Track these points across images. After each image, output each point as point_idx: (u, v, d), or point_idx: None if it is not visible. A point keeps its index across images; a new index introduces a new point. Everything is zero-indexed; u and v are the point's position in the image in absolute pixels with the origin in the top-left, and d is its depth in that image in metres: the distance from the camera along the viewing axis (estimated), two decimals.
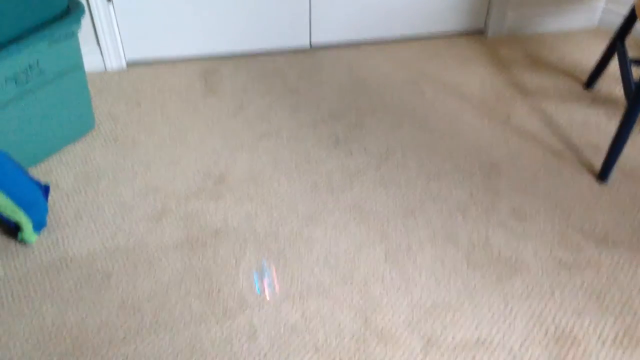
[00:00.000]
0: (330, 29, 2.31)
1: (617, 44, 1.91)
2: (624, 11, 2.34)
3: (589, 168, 1.80)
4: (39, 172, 1.80)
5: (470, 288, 1.47)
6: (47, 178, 1.78)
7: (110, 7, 2.09)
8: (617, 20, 2.37)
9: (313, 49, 2.33)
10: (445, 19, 2.35)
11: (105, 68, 2.20)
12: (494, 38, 2.37)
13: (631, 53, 2.27)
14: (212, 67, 2.23)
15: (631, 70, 1.77)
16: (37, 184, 1.59)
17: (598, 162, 1.81)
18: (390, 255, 1.56)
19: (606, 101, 2.06)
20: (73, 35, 1.72)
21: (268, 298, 1.36)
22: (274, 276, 1.37)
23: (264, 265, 1.40)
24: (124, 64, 2.22)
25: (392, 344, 1.37)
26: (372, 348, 1.36)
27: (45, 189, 1.65)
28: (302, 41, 2.31)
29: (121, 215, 1.67)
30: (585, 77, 2.17)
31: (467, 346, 1.36)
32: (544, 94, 2.09)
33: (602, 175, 1.74)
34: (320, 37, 2.32)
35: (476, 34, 2.40)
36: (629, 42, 2.35)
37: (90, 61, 2.17)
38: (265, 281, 1.37)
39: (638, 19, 1.80)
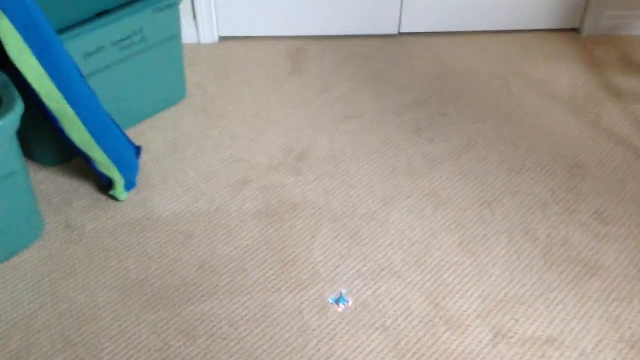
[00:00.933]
0: (421, 17, 2.30)
1: None
2: None
3: None
4: (132, 134, 1.89)
5: (546, 285, 1.45)
6: (140, 141, 1.87)
7: None
8: None
9: (401, 35, 2.33)
10: (540, 14, 2.30)
11: (199, 41, 2.28)
12: (588, 37, 2.30)
13: None
14: (300, 46, 2.27)
15: None
16: (132, 144, 1.67)
17: None
18: (465, 244, 1.56)
19: None
20: (175, 6, 1.79)
21: (340, 311, 1.39)
22: (349, 304, 1.40)
23: (342, 293, 1.43)
24: (216, 38, 2.29)
25: (461, 332, 1.37)
26: (441, 333, 1.37)
27: (138, 151, 1.73)
28: (392, 28, 2.32)
29: (205, 182, 1.74)
30: None
31: (538, 342, 1.35)
32: (637, 97, 2.02)
33: None
34: (410, 24, 2.32)
35: (570, 31, 2.33)
36: None
37: (186, 33, 2.25)
38: (340, 305, 1.41)
39: None
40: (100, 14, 1.64)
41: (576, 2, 2.27)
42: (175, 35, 1.86)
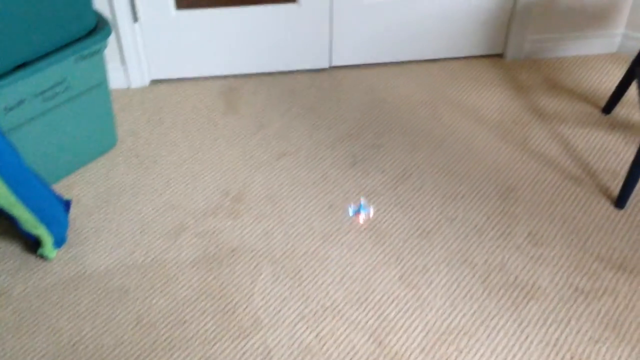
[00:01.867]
0: (350, 50, 2.33)
1: (635, 71, 1.91)
2: None
3: (607, 194, 1.79)
4: (61, 188, 1.83)
5: (486, 313, 1.47)
6: (69, 194, 1.81)
7: (137, 26, 2.13)
8: (637, 46, 2.36)
9: (333, 69, 2.35)
10: (464, 42, 2.36)
11: (129, 85, 2.24)
12: (512, 61, 2.38)
13: None
14: (233, 85, 2.27)
15: None
16: (60, 199, 1.62)
17: (616, 188, 1.81)
18: (406, 277, 1.56)
19: (624, 127, 2.05)
20: (99, 53, 1.76)
21: (361, 222, 1.38)
22: (371, 212, 1.38)
23: (361, 202, 1.41)
24: (147, 81, 2.26)
25: None
26: None
27: (67, 205, 1.68)
28: (322, 61, 2.34)
29: (140, 232, 1.70)
30: (603, 102, 2.16)
31: None
32: (562, 118, 2.09)
33: (620, 201, 1.74)
34: (340, 57, 2.34)
35: (495, 57, 2.41)
36: None
37: (115, 78, 2.21)
38: (360, 214, 1.38)
39: None
40: (20, 66, 1.59)
41: (498, 28, 2.35)
42: (102, 82, 1.83)
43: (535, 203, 1.77)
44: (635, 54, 2.39)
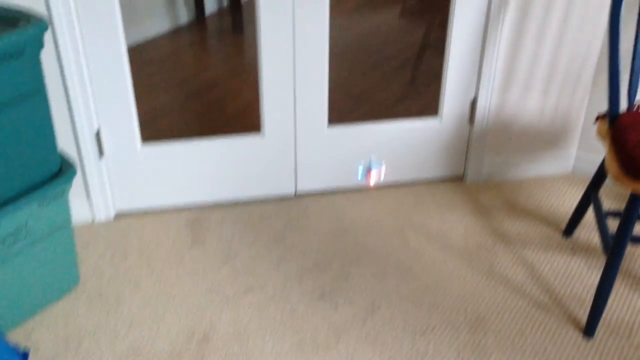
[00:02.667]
0: (315, 177, 2.38)
1: (591, 195, 1.98)
2: (595, 158, 2.44)
3: (575, 322, 1.80)
4: (20, 333, 1.76)
5: None
6: (27, 341, 1.74)
7: (102, 160, 2.15)
8: (590, 166, 2.47)
9: (299, 196, 2.38)
10: (426, 166, 2.44)
11: (93, 219, 2.23)
12: (473, 184, 2.45)
13: (607, 203, 2.34)
14: (199, 216, 2.27)
15: (606, 224, 1.83)
16: (15, 351, 1.55)
17: (583, 315, 1.82)
18: None
19: (586, 250, 2.09)
20: (63, 195, 1.76)
21: (372, 184, 1.28)
22: (382, 170, 1.29)
23: (371, 159, 1.31)
24: (112, 215, 2.25)
25: None
26: None
27: (24, 356, 1.60)
28: (288, 189, 2.37)
29: None
30: (563, 224, 2.22)
31: None
32: (525, 241, 2.13)
33: (588, 330, 1.74)
34: (306, 184, 2.38)
35: (456, 180, 2.48)
36: (605, 189, 2.43)
37: (79, 213, 2.20)
38: (372, 172, 1.28)
39: (607, 175, 1.88)
40: None
41: (457, 153, 2.44)
42: (65, 223, 1.81)
43: (505, 334, 1.76)
44: (588, 174, 2.49)
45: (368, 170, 1.36)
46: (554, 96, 2.35)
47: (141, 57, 3.35)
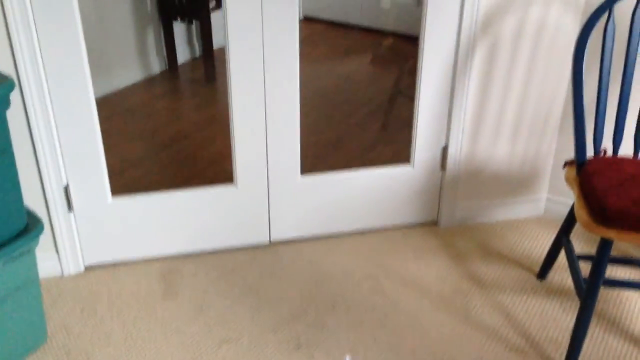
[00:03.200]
0: (289, 225, 2.37)
1: (562, 239, 2.00)
2: (566, 201, 2.48)
3: None
4: None
5: None
6: None
7: (71, 214, 2.12)
8: (561, 208, 2.50)
9: (273, 244, 2.37)
10: (399, 212, 2.45)
11: (62, 273, 2.18)
12: (446, 228, 2.46)
13: (578, 246, 2.37)
14: (171, 266, 2.23)
15: (579, 267, 1.84)
16: None
17: (560, 358, 1.81)
18: None
19: (560, 292, 2.10)
20: (30, 252, 1.72)
21: None
22: None
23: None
24: (82, 268, 2.21)
25: None
26: None
27: None
28: (262, 237, 2.36)
29: None
30: (537, 266, 2.23)
31: None
32: (500, 285, 2.14)
33: None
34: (280, 233, 2.37)
35: (430, 225, 2.49)
36: (576, 232, 2.46)
37: (47, 267, 2.15)
38: None
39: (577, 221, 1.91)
40: None
41: (430, 198, 2.46)
42: (32, 280, 1.76)
43: None
44: (560, 216, 2.52)
45: None
46: (522, 142, 2.40)
47: (112, 107, 3.34)
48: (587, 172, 1.75)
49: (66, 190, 2.08)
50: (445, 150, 2.37)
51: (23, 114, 1.92)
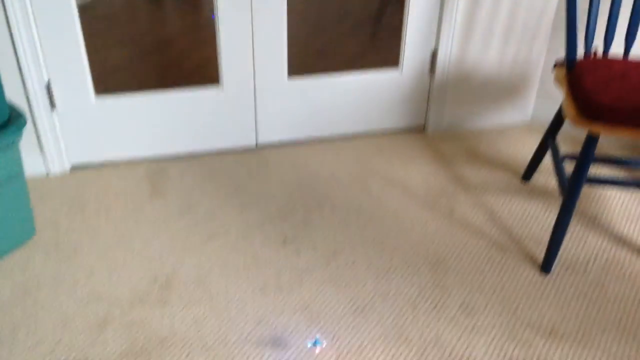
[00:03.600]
0: (276, 128, 2.36)
1: (548, 140, 2.02)
2: (554, 107, 2.48)
3: (532, 260, 1.84)
4: None
5: None
6: None
7: (54, 113, 2.09)
8: (548, 115, 2.51)
9: (259, 148, 2.36)
10: (387, 117, 2.44)
11: (47, 172, 2.17)
12: (434, 134, 2.47)
13: (564, 146, 2.39)
14: (158, 168, 2.23)
15: (563, 166, 1.86)
16: None
17: (540, 254, 1.86)
18: (343, 357, 1.53)
19: (543, 193, 2.14)
20: (14, 145, 1.70)
21: (317, 352, 1.52)
22: (324, 344, 1.55)
23: (317, 337, 1.56)
24: (67, 167, 2.20)
25: None
26: None
27: None
28: (249, 141, 2.35)
29: (61, 328, 1.60)
30: (522, 170, 2.26)
31: None
32: (485, 187, 2.16)
33: (545, 267, 1.79)
34: (266, 136, 2.36)
35: (417, 130, 2.49)
36: (562, 135, 2.48)
37: (32, 166, 2.14)
38: (317, 347, 1.55)
39: (565, 119, 1.91)
40: None
41: (418, 103, 2.45)
42: (17, 174, 1.76)
43: (465, 273, 1.79)
44: (547, 122, 2.53)
45: (314, 346, 1.52)
46: (513, 46, 2.37)
47: (94, 13, 3.25)
48: (576, 71, 1.74)
49: (48, 87, 2.04)
50: (434, 54, 2.34)
51: (1, 8, 1.85)
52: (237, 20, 2.10)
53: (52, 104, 2.07)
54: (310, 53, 2.94)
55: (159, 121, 2.22)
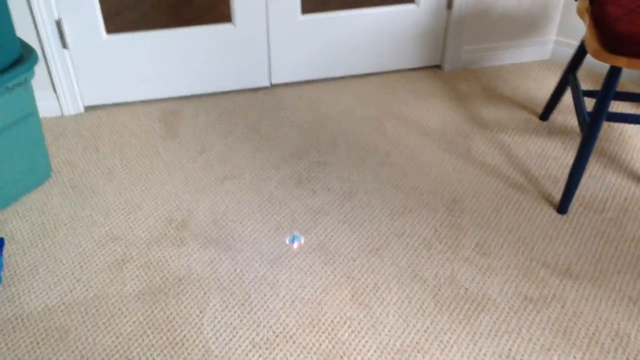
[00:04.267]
0: (290, 68, 2.31)
1: (569, 77, 1.96)
2: (574, 43, 2.41)
3: (549, 200, 1.82)
4: None
5: (439, 328, 1.46)
6: (2, 230, 1.72)
7: (66, 52, 2.06)
8: (569, 52, 2.43)
9: (273, 87, 2.33)
10: (402, 55, 2.38)
11: (62, 113, 2.16)
12: (450, 72, 2.41)
13: (583, 84, 2.33)
14: (172, 108, 2.21)
15: (584, 102, 1.82)
16: None
17: (558, 194, 1.84)
18: (357, 296, 1.54)
19: (562, 132, 2.10)
20: (26, 83, 1.68)
21: (295, 247, 1.60)
22: (302, 241, 1.63)
23: (295, 233, 1.63)
24: (81, 108, 2.19)
25: None
26: None
27: (0, 243, 1.59)
28: (262, 81, 2.32)
29: (80, 267, 1.62)
30: (540, 109, 2.21)
31: None
32: (502, 126, 2.13)
33: (562, 207, 1.77)
34: (280, 75, 2.33)
35: (433, 68, 2.44)
36: (581, 73, 2.41)
37: (46, 106, 2.13)
38: (295, 243, 1.62)
39: (587, 52, 1.85)
40: None
41: (435, 40, 2.38)
42: (31, 113, 1.75)
43: (480, 213, 1.78)
44: (567, 59, 2.46)
45: (292, 242, 1.49)
46: None
47: None
48: (599, 2, 1.67)
49: (59, 25, 2.01)
50: None
51: None
52: None
53: (64, 43, 2.04)
54: None
55: (171, 60, 2.18)
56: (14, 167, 1.76)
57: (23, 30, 1.97)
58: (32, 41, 1.99)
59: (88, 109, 2.20)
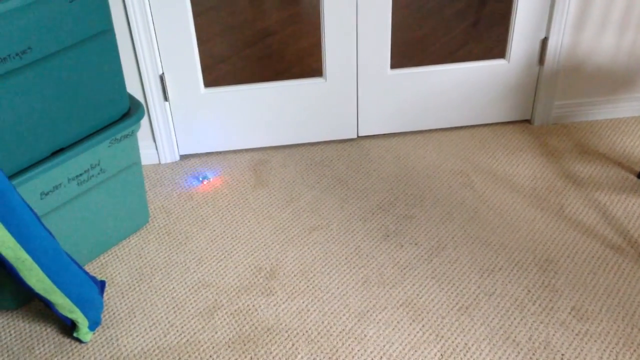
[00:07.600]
0: (377, 120, 2.35)
1: None
2: None
3: None
4: (95, 268, 1.83)
5: None
6: (103, 273, 1.81)
7: (167, 104, 2.18)
8: None
9: (360, 139, 2.36)
10: (491, 109, 2.37)
11: (159, 161, 2.27)
12: (541, 127, 2.37)
13: None
14: (261, 158, 2.28)
15: None
16: (94, 281, 1.61)
17: None
18: (447, 356, 1.51)
19: None
20: (133, 135, 1.79)
21: (204, 184, 1.59)
22: (210, 178, 1.63)
23: (205, 175, 1.59)
24: (177, 157, 2.29)
25: None
26: None
27: (102, 286, 1.67)
28: (350, 132, 2.35)
29: (173, 312, 1.67)
30: (638, 167, 2.13)
31: None
32: (597, 184, 2.06)
33: None
34: (368, 128, 2.36)
35: (523, 122, 2.40)
36: None
37: (146, 155, 2.24)
38: (204, 181, 1.57)
39: None
40: (56, 152, 1.62)
41: (526, 94, 2.36)
42: (135, 163, 1.85)
43: (576, 275, 1.72)
44: None
45: (202, 180, 1.52)
46: (631, 33, 2.23)
47: (195, 5, 3.35)
48: None
49: (162, 79, 2.13)
50: (544, 42, 2.24)
51: (121, 3, 1.95)
52: (342, 10, 2.10)
53: (165, 96, 2.16)
54: (411, 43, 2.90)
55: (263, 112, 2.26)
56: (117, 213, 1.86)
57: (130, 84, 2.10)
58: (137, 94, 2.12)
59: (183, 157, 2.30)
